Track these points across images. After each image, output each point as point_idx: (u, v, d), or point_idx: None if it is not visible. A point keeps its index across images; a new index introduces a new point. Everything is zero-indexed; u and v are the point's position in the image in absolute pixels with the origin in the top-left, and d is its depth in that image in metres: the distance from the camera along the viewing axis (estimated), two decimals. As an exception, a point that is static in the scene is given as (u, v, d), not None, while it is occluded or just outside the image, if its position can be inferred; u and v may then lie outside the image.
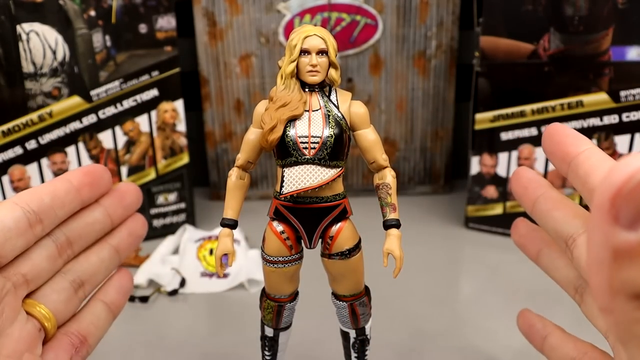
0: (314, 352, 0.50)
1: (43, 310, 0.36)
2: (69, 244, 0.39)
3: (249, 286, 0.59)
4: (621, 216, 0.19)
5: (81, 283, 0.39)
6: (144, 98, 0.66)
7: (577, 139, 0.34)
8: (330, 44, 0.36)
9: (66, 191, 0.38)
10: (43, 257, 0.37)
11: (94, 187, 0.39)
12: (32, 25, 0.57)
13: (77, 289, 0.39)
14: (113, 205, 0.41)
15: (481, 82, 0.65)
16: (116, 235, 0.42)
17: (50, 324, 0.37)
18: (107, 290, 0.42)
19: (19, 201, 0.35)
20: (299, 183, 0.35)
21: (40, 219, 0.36)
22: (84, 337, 0.39)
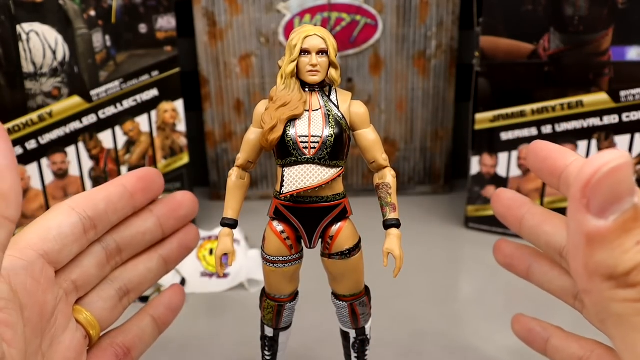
0: (314, 352, 0.50)
1: (89, 317, 0.36)
2: (118, 251, 0.39)
3: (249, 286, 0.59)
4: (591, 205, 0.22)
5: (127, 291, 0.39)
6: (144, 98, 0.66)
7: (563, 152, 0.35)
8: (331, 43, 0.36)
9: (120, 196, 0.37)
10: (92, 264, 0.37)
11: (147, 192, 0.39)
12: (32, 25, 0.57)
13: (122, 297, 0.39)
14: (166, 216, 0.40)
15: (481, 82, 0.65)
16: (166, 246, 0.41)
17: (94, 332, 0.37)
18: (157, 305, 0.41)
19: (76, 206, 0.35)
20: (299, 183, 0.35)
21: (95, 224, 0.36)
22: (128, 350, 0.39)
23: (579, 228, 0.23)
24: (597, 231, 0.22)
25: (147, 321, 0.40)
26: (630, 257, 0.22)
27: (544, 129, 0.64)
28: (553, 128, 0.64)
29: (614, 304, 0.23)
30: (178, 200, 0.41)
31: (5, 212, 0.25)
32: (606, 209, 0.22)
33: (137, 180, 0.39)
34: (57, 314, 0.34)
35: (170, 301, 0.42)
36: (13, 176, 0.25)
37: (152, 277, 0.41)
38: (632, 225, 0.22)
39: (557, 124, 0.64)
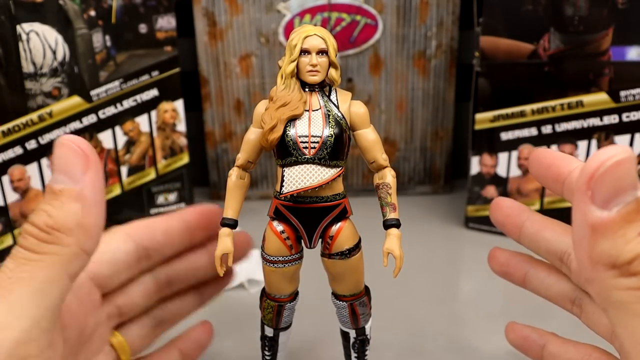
0: (314, 352, 0.50)
1: (122, 342, 0.36)
2: (168, 284, 0.38)
3: (249, 286, 0.59)
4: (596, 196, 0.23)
5: (162, 322, 0.39)
6: (144, 98, 0.66)
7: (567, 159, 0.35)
8: (331, 43, 0.36)
9: (179, 231, 0.37)
10: (140, 293, 0.37)
11: (206, 230, 0.39)
12: (32, 25, 0.57)
13: (156, 327, 0.39)
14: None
15: (481, 82, 0.65)
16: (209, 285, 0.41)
17: (125, 357, 0.36)
18: (186, 340, 0.41)
19: (133, 234, 0.35)
20: (299, 183, 0.35)
21: (149, 255, 0.36)
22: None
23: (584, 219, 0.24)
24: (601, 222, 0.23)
25: (175, 355, 0.40)
26: (632, 247, 0.23)
27: (544, 129, 0.64)
28: (553, 128, 0.64)
29: (616, 291, 0.24)
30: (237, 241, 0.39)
31: (84, 244, 0.26)
32: (610, 201, 0.23)
33: (199, 216, 0.38)
34: (96, 337, 0.34)
35: (200, 338, 0.42)
36: (99, 212, 0.27)
37: (187, 311, 0.41)
38: (634, 217, 0.23)
39: (557, 124, 0.64)
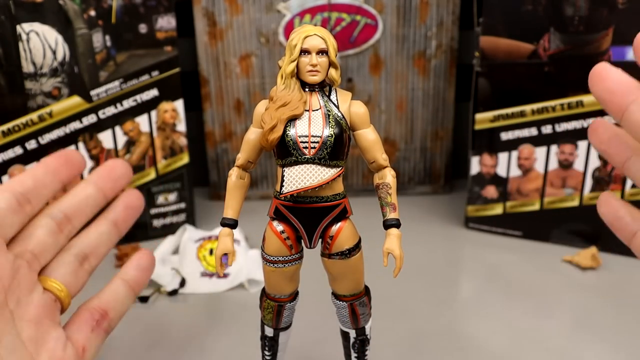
0: (314, 352, 0.50)
1: (55, 283, 0.41)
2: (67, 219, 0.43)
3: (249, 286, 0.59)
4: None
5: (85, 256, 0.44)
6: (144, 98, 0.66)
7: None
8: (331, 43, 0.36)
9: (44, 173, 0.43)
10: (45, 233, 0.42)
11: (69, 167, 0.44)
12: (32, 25, 0.57)
13: (82, 262, 0.43)
14: (102, 180, 0.46)
15: (481, 82, 0.65)
16: (112, 210, 0.46)
17: (63, 294, 0.41)
18: (126, 269, 0.46)
19: (6, 188, 0.41)
20: (299, 182, 0.35)
21: (28, 198, 0.41)
22: (105, 311, 0.43)
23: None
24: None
25: (119, 284, 0.44)
26: None
27: (544, 129, 0.64)
28: (553, 128, 0.64)
29: None
30: (110, 165, 0.47)
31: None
32: None
33: (56, 158, 0.44)
34: (20, 278, 0.38)
35: (139, 262, 0.46)
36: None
37: (106, 240, 0.46)
38: None
39: (557, 124, 0.64)
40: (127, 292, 0.45)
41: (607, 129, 0.37)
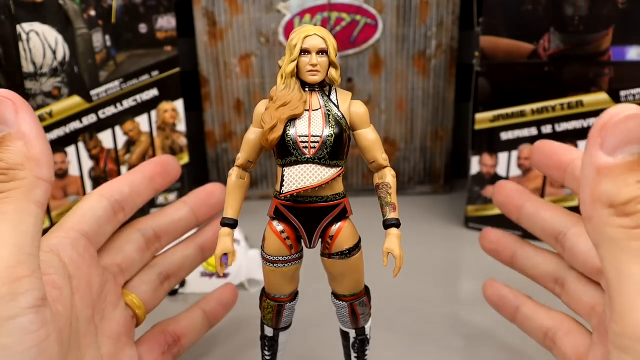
0: (314, 352, 0.50)
1: (134, 299, 0.41)
2: (157, 238, 0.44)
3: (249, 286, 0.59)
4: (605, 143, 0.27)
5: (167, 276, 0.44)
6: (144, 98, 0.66)
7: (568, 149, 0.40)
8: (331, 43, 0.36)
9: (141, 181, 0.43)
10: (133, 249, 0.42)
11: (164, 176, 0.44)
12: (32, 25, 0.57)
13: (163, 281, 0.44)
14: (198, 205, 0.45)
15: (481, 82, 0.65)
16: (202, 235, 0.46)
17: (140, 312, 0.42)
18: (209, 300, 0.47)
19: (104, 193, 0.41)
20: (299, 182, 0.35)
21: (122, 207, 0.41)
22: (179, 337, 0.44)
23: (591, 162, 0.27)
24: (606, 165, 0.27)
25: (198, 314, 0.45)
26: (629, 191, 0.27)
27: (544, 129, 0.64)
28: (553, 128, 0.64)
29: (610, 228, 0.27)
30: (209, 190, 0.46)
31: (39, 173, 0.30)
32: (616, 149, 0.27)
33: (154, 165, 0.44)
34: (107, 292, 0.39)
35: (222, 297, 0.47)
36: (41, 143, 0.30)
37: (190, 264, 0.46)
38: (636, 167, 0.27)
39: (557, 124, 0.64)
40: (204, 322, 0.46)
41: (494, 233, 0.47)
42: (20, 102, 0.30)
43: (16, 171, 0.29)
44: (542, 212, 0.42)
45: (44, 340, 0.29)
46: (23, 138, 0.30)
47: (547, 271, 0.43)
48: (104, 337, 0.38)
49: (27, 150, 0.30)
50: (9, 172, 0.29)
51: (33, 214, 0.30)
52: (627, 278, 0.27)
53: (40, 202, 0.30)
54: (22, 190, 0.29)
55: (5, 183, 0.29)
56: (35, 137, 0.30)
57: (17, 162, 0.29)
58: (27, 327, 0.28)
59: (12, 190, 0.29)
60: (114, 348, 0.38)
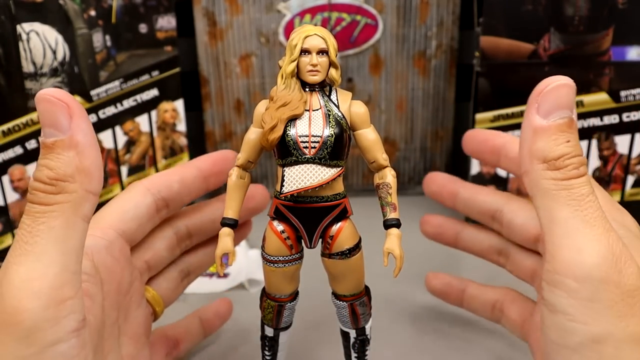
0: (314, 352, 0.50)
1: (155, 295, 0.40)
2: (188, 236, 0.42)
3: (249, 286, 0.59)
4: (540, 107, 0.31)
5: (188, 273, 0.44)
6: (144, 98, 0.66)
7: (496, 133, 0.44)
8: (331, 43, 0.36)
9: (193, 178, 0.41)
10: (164, 247, 0.41)
11: (220, 175, 0.42)
12: (32, 25, 0.57)
13: (183, 278, 0.43)
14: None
15: (481, 82, 0.65)
16: None
17: (159, 309, 0.41)
18: (206, 310, 0.47)
19: (151, 187, 0.39)
20: (299, 182, 0.35)
21: (167, 204, 0.39)
22: (177, 342, 0.44)
23: (529, 124, 0.32)
24: (540, 127, 0.31)
25: (195, 322, 0.46)
26: (560, 149, 0.31)
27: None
28: (553, 128, 0.64)
29: (543, 180, 0.31)
30: (250, 193, 0.41)
31: (89, 186, 0.28)
32: (550, 112, 0.31)
33: (212, 163, 0.42)
34: (133, 291, 0.37)
35: (218, 309, 0.48)
36: (94, 153, 0.29)
37: (209, 261, 0.45)
38: (566, 129, 0.31)
39: (557, 124, 0.64)
40: (199, 331, 0.46)
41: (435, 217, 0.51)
42: (75, 106, 0.28)
43: (66, 183, 0.28)
44: (476, 195, 0.46)
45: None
46: (76, 147, 0.28)
47: (490, 245, 0.47)
48: (125, 337, 0.37)
49: (78, 161, 0.28)
50: (58, 184, 0.28)
51: (80, 229, 0.28)
52: (556, 222, 0.31)
53: (87, 217, 0.29)
54: (70, 204, 0.28)
55: (53, 195, 0.28)
56: (89, 146, 0.28)
57: (67, 174, 0.28)
58: (67, 352, 0.28)
59: (60, 204, 0.28)
60: (133, 348, 0.37)
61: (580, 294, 0.30)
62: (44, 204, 0.28)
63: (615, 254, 0.30)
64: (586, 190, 0.31)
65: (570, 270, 0.30)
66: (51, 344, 0.27)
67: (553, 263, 0.31)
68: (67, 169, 0.28)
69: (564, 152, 0.31)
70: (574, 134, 0.32)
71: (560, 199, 0.31)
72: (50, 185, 0.28)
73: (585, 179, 0.31)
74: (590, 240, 0.30)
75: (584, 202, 0.30)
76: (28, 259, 0.27)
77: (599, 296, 0.30)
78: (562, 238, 0.31)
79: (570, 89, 0.32)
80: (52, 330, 0.27)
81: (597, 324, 0.30)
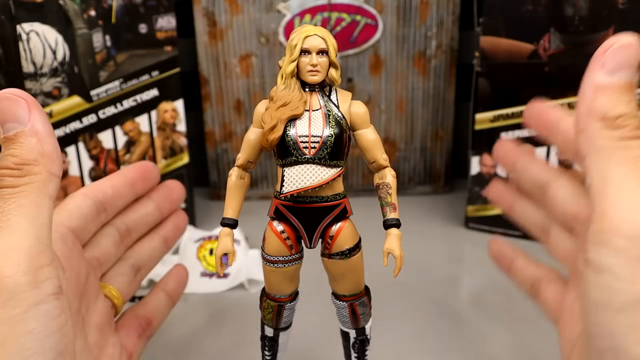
0: (314, 352, 0.50)
1: (113, 290, 0.43)
2: (128, 232, 0.46)
3: (249, 286, 0.59)
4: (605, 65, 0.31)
5: (139, 268, 0.46)
6: (144, 98, 0.66)
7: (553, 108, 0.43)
8: (331, 43, 0.36)
9: (123, 184, 0.45)
10: (110, 243, 0.44)
11: (145, 181, 0.47)
12: (32, 25, 0.57)
13: (136, 273, 0.46)
14: (162, 200, 0.48)
15: (481, 82, 0.65)
16: (164, 227, 0.49)
17: (118, 302, 0.43)
18: (167, 281, 0.49)
19: (88, 192, 0.42)
20: (299, 182, 0.35)
21: (105, 207, 0.43)
22: (150, 320, 0.45)
23: (591, 80, 0.31)
24: (604, 83, 0.31)
25: (161, 295, 0.47)
26: (621, 108, 0.30)
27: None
28: (553, 128, 0.64)
29: (599, 139, 0.31)
30: (169, 187, 0.49)
31: (51, 168, 0.31)
32: (615, 70, 0.30)
33: (135, 171, 0.46)
34: (89, 285, 0.40)
35: (177, 277, 0.49)
36: (52, 140, 0.31)
37: (157, 255, 0.48)
38: (629, 89, 0.31)
39: (557, 124, 0.64)
40: (167, 302, 0.47)
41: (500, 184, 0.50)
42: (31, 100, 0.31)
43: (31, 166, 0.30)
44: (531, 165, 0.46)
45: (64, 326, 0.30)
46: (36, 135, 0.31)
47: (535, 220, 0.47)
48: (89, 327, 0.39)
49: (40, 147, 0.31)
50: (23, 167, 0.30)
51: (47, 207, 0.31)
52: (610, 180, 0.30)
53: (52, 196, 0.31)
54: (37, 184, 0.30)
55: (20, 178, 0.30)
56: (47, 134, 0.31)
57: (32, 158, 0.30)
58: (50, 313, 0.29)
59: (27, 185, 0.30)
60: (99, 337, 0.39)
61: (629, 253, 0.29)
62: (12, 187, 0.30)
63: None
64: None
65: (621, 228, 0.30)
66: (35, 304, 0.29)
67: (602, 222, 0.30)
68: (30, 154, 0.31)
69: (625, 112, 0.30)
70: (634, 96, 0.31)
71: (616, 158, 0.30)
72: (17, 169, 0.30)
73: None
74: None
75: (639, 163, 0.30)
76: (3, 233, 0.29)
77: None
78: (614, 197, 0.30)
79: (637, 50, 0.31)
80: (34, 292, 0.29)
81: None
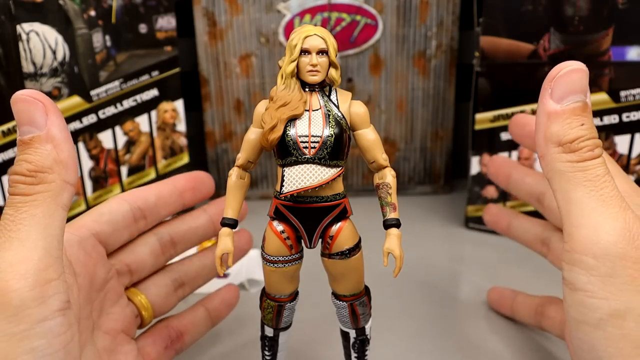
0: (314, 352, 0.50)
1: (143, 299, 0.42)
2: (172, 244, 0.44)
3: (249, 286, 0.59)
4: (553, 92, 0.32)
5: (182, 283, 0.45)
6: (144, 98, 0.66)
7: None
8: (331, 43, 0.36)
9: (170, 193, 0.43)
10: (147, 253, 0.42)
11: (195, 192, 0.44)
12: (32, 25, 0.57)
13: (177, 288, 0.44)
14: (218, 214, 0.45)
15: (481, 82, 0.65)
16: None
17: (147, 313, 0.42)
18: (212, 299, 0.47)
19: (128, 198, 0.41)
20: (299, 182, 0.35)
21: (145, 215, 0.41)
22: (181, 333, 0.44)
23: (543, 108, 0.32)
24: (554, 111, 0.32)
25: (201, 312, 0.46)
26: (574, 132, 0.32)
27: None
28: (553, 128, 0.64)
29: (559, 163, 0.32)
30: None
31: (66, 177, 0.30)
32: (563, 97, 0.32)
33: (186, 180, 0.44)
34: (108, 289, 0.39)
35: (224, 297, 0.48)
36: (69, 147, 0.31)
37: (207, 274, 0.46)
38: (579, 113, 0.32)
39: (557, 124, 0.64)
40: (206, 320, 0.46)
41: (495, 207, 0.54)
42: (49, 103, 0.30)
43: (45, 174, 0.30)
44: (525, 177, 0.48)
45: (69, 342, 0.30)
46: (52, 141, 0.30)
47: (534, 235, 0.49)
48: (99, 332, 0.38)
49: (56, 154, 0.30)
50: (37, 175, 0.30)
51: (60, 217, 0.30)
52: (573, 202, 0.32)
53: (66, 206, 0.31)
54: (50, 193, 0.30)
55: (33, 186, 0.30)
56: (64, 140, 0.30)
57: (46, 165, 0.30)
58: (55, 330, 0.29)
59: (40, 193, 0.30)
60: (110, 343, 0.39)
61: (599, 271, 0.30)
62: (25, 194, 0.29)
63: (632, 231, 0.30)
64: (601, 171, 0.31)
65: (588, 248, 0.31)
66: (39, 321, 0.28)
67: (571, 243, 0.31)
68: (45, 161, 0.30)
69: (579, 135, 0.32)
70: (588, 117, 0.32)
71: (576, 180, 0.31)
72: (30, 176, 0.29)
73: (601, 161, 0.32)
74: (607, 219, 0.31)
75: (599, 182, 0.31)
76: (13, 244, 0.28)
77: (618, 272, 0.30)
78: (579, 218, 0.31)
79: (583, 74, 0.32)
80: (40, 308, 0.28)
81: (617, 299, 0.30)
